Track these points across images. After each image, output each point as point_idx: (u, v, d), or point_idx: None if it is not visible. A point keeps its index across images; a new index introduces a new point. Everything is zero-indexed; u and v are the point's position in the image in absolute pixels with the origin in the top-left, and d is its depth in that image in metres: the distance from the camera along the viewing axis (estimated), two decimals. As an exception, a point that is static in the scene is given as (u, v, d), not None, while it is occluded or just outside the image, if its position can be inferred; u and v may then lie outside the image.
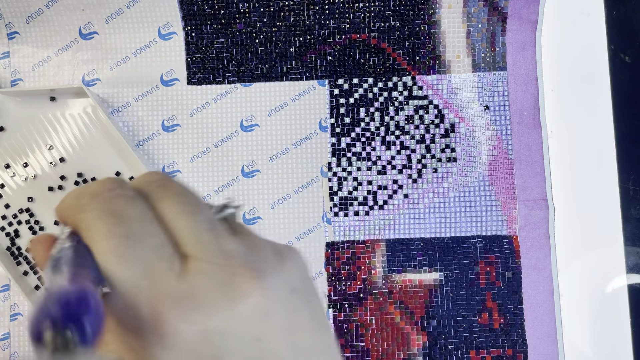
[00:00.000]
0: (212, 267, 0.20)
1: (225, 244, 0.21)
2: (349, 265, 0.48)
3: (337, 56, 0.49)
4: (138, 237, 0.20)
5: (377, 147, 0.48)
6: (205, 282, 0.20)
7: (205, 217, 0.22)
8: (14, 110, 0.49)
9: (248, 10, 0.48)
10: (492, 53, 0.48)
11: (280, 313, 0.21)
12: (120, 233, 0.20)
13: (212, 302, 0.20)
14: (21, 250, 0.48)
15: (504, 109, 0.48)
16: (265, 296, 0.20)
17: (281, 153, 0.49)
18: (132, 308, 0.20)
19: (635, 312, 0.47)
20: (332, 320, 0.47)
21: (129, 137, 0.49)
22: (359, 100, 0.49)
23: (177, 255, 0.20)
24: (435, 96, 0.48)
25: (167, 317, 0.19)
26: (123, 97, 0.49)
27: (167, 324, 0.19)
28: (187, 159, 0.49)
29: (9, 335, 0.48)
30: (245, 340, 0.20)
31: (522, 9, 0.47)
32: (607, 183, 0.48)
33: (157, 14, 0.48)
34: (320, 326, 0.23)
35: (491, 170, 0.48)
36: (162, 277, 0.20)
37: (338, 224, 0.48)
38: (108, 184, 0.21)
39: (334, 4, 0.48)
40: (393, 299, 0.47)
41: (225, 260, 0.20)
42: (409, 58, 0.48)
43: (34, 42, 0.49)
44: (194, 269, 0.20)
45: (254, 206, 0.48)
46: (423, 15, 0.48)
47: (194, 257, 0.20)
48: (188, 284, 0.20)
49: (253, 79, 0.49)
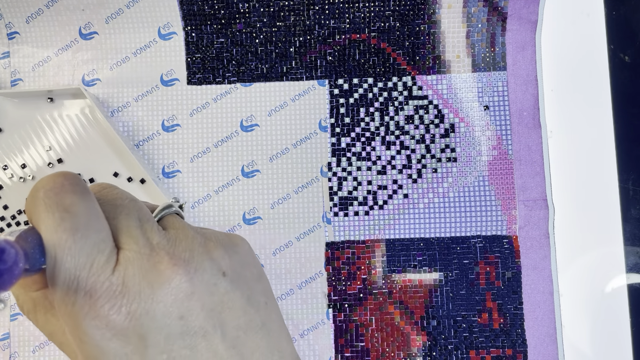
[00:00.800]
0: (138, 257, 0.24)
1: (153, 238, 0.24)
2: (349, 265, 0.48)
3: (337, 56, 0.49)
4: (84, 232, 0.23)
5: (377, 147, 0.48)
6: (132, 270, 0.23)
7: (137, 216, 0.25)
8: (11, 112, 0.49)
9: (248, 10, 0.48)
10: (492, 53, 0.48)
11: (204, 294, 0.24)
12: (68, 227, 0.23)
13: (136, 287, 0.23)
14: (20, 251, 0.48)
15: (504, 109, 0.48)
16: (187, 280, 0.24)
17: (281, 153, 0.49)
18: (70, 293, 0.22)
19: (635, 312, 0.47)
20: (332, 320, 0.47)
21: (128, 137, 0.49)
22: (359, 100, 0.49)
23: (115, 250, 0.24)
24: (435, 96, 0.48)
25: (100, 303, 0.22)
26: (123, 97, 0.49)
27: (100, 309, 0.22)
28: (187, 159, 0.49)
29: (9, 335, 0.48)
30: (170, 319, 0.23)
31: (522, 9, 0.47)
32: (607, 183, 0.48)
33: (157, 14, 0.48)
34: (254, 305, 0.26)
35: (491, 170, 0.48)
36: (100, 269, 0.23)
37: (338, 224, 0.48)
38: (60, 179, 0.24)
39: (334, 4, 0.48)
40: (393, 299, 0.47)
41: (150, 250, 0.24)
42: (409, 58, 0.49)
43: (34, 42, 0.49)
44: (124, 259, 0.23)
45: (254, 206, 0.48)
46: (423, 15, 0.48)
47: (124, 249, 0.24)
48: (119, 274, 0.23)
49: (253, 79, 0.49)
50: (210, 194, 0.48)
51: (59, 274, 0.22)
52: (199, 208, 0.48)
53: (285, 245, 0.48)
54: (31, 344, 0.48)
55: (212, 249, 0.26)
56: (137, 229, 0.24)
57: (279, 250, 0.48)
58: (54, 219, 0.23)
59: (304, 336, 0.48)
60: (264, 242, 0.48)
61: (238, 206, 0.48)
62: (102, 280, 0.23)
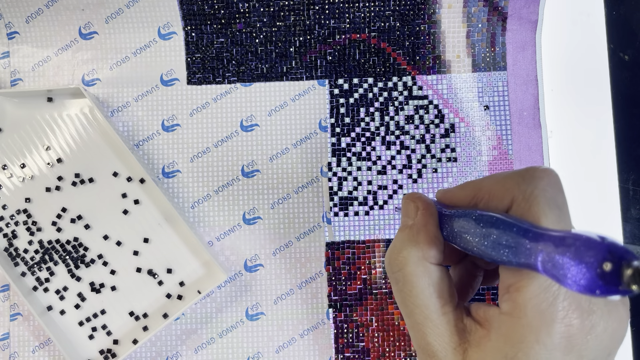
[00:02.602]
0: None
1: None
2: (349, 265, 0.48)
3: (337, 56, 0.49)
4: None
5: (377, 147, 0.48)
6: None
7: None
8: (11, 111, 0.49)
9: (248, 10, 0.48)
10: (492, 53, 0.48)
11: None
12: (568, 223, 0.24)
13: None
14: (19, 251, 0.48)
15: (504, 109, 0.48)
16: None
17: (281, 153, 0.49)
18: (546, 295, 0.23)
19: (635, 312, 0.47)
20: (332, 320, 0.47)
21: (128, 137, 0.49)
22: (359, 100, 0.49)
23: None
24: (435, 96, 0.48)
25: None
26: (123, 97, 0.49)
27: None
28: (187, 159, 0.49)
29: (8, 335, 0.48)
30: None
31: (522, 9, 0.47)
32: (607, 183, 0.48)
33: (157, 14, 0.48)
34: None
35: (491, 170, 0.48)
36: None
37: (338, 224, 0.48)
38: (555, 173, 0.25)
39: (334, 4, 0.48)
40: (393, 299, 0.47)
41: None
42: (409, 58, 0.49)
43: (34, 42, 0.49)
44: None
45: (254, 206, 0.48)
46: (423, 15, 0.48)
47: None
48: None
49: (253, 79, 0.49)
50: (210, 194, 0.48)
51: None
52: (199, 208, 0.48)
53: (285, 245, 0.48)
54: (31, 344, 0.48)
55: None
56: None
57: (279, 250, 0.48)
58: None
59: (304, 336, 0.47)
60: (264, 242, 0.48)
61: (238, 206, 0.48)
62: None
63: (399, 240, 0.28)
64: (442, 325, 0.26)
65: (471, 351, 0.25)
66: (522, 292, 0.23)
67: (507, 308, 0.24)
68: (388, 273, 0.28)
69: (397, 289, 0.27)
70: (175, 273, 0.48)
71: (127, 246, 0.48)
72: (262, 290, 0.48)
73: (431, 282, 0.26)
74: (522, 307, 0.23)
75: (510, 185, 0.25)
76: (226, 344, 0.48)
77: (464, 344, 0.25)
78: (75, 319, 0.48)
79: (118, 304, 0.48)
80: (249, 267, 0.48)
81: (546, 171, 0.25)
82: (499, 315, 0.24)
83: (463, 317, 0.26)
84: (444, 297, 0.26)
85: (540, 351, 0.22)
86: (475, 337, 0.25)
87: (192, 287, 0.48)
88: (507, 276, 0.24)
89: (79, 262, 0.48)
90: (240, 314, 0.48)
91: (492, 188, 0.26)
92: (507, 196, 0.25)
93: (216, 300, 0.48)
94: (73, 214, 0.48)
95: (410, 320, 0.27)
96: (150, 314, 0.48)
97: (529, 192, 0.24)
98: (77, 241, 0.48)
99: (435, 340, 0.26)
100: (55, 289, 0.48)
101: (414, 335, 0.27)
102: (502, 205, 0.25)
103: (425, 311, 0.26)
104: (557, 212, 0.23)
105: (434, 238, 0.28)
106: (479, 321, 0.25)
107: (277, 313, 0.48)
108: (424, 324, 0.26)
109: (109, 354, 0.47)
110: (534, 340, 0.22)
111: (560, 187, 0.24)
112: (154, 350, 0.48)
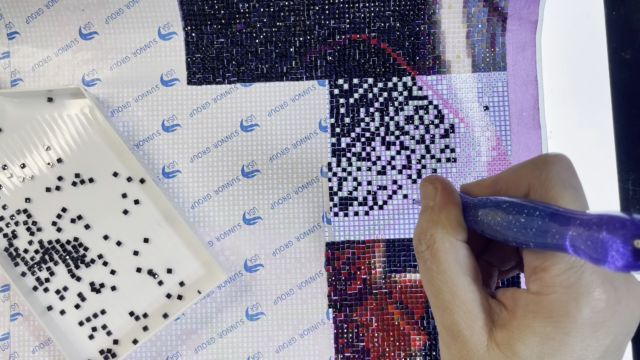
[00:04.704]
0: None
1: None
2: (349, 265, 0.48)
3: (337, 56, 0.49)
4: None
5: (377, 147, 0.48)
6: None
7: None
8: (11, 111, 0.49)
9: (248, 10, 0.48)
10: (492, 53, 0.48)
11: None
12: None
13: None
14: (19, 251, 0.48)
15: (504, 109, 0.48)
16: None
17: (281, 153, 0.49)
18: (572, 272, 0.23)
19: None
20: (332, 320, 0.47)
21: (128, 137, 0.49)
22: (359, 100, 0.49)
23: None
24: (435, 96, 0.48)
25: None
26: (123, 97, 0.49)
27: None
28: (187, 159, 0.49)
29: (8, 335, 0.48)
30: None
31: (522, 9, 0.47)
32: (607, 183, 0.48)
33: (157, 14, 0.48)
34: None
35: (490, 171, 0.48)
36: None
37: (338, 224, 0.48)
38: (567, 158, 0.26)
39: (334, 4, 0.48)
40: (393, 299, 0.47)
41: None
42: (408, 58, 0.49)
43: (34, 42, 0.49)
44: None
45: (254, 206, 0.48)
46: (423, 15, 0.48)
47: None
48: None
49: (253, 79, 0.49)
50: (210, 194, 0.48)
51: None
52: (199, 208, 0.48)
53: (285, 245, 0.48)
54: (31, 344, 0.48)
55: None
56: None
57: (279, 250, 0.48)
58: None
59: (304, 336, 0.48)
60: (264, 242, 0.48)
61: (238, 206, 0.48)
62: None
63: (422, 221, 0.29)
64: (469, 303, 0.26)
65: (497, 331, 0.25)
66: (549, 270, 0.23)
67: (535, 288, 0.24)
68: (416, 253, 0.29)
69: (424, 268, 0.28)
70: (175, 273, 0.48)
71: (127, 246, 0.48)
72: (262, 290, 0.48)
73: (458, 258, 0.27)
74: (550, 284, 0.23)
75: (526, 173, 0.25)
76: (226, 344, 0.48)
77: (490, 323, 0.25)
78: (75, 319, 0.48)
79: (118, 304, 0.48)
80: (249, 267, 0.48)
81: (558, 156, 0.25)
82: (526, 295, 0.25)
83: (488, 298, 0.26)
84: (471, 275, 0.27)
85: (569, 325, 0.23)
86: (500, 318, 0.25)
87: (192, 287, 0.48)
88: (532, 259, 0.24)
89: (79, 262, 0.48)
90: (240, 314, 0.48)
91: (508, 178, 0.27)
92: (523, 184, 0.25)
93: (216, 300, 0.48)
94: (73, 214, 0.48)
95: (437, 299, 0.27)
96: (150, 314, 0.48)
97: (544, 177, 0.24)
98: (77, 241, 0.48)
99: (462, 319, 0.26)
100: (55, 289, 0.48)
101: (440, 315, 0.27)
102: (519, 192, 0.26)
103: (453, 288, 0.26)
104: (573, 192, 0.24)
105: (457, 216, 0.28)
106: (505, 303, 0.26)
107: (277, 313, 0.48)
108: (452, 302, 0.26)
109: (109, 354, 0.47)
110: (564, 314, 0.23)
111: (573, 170, 0.25)
112: (154, 350, 0.48)
